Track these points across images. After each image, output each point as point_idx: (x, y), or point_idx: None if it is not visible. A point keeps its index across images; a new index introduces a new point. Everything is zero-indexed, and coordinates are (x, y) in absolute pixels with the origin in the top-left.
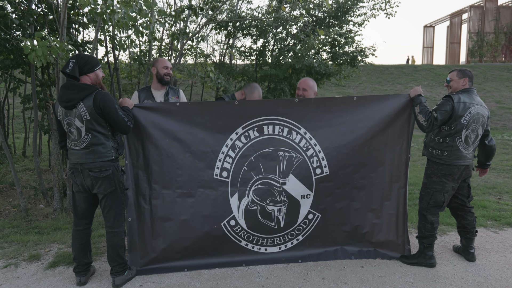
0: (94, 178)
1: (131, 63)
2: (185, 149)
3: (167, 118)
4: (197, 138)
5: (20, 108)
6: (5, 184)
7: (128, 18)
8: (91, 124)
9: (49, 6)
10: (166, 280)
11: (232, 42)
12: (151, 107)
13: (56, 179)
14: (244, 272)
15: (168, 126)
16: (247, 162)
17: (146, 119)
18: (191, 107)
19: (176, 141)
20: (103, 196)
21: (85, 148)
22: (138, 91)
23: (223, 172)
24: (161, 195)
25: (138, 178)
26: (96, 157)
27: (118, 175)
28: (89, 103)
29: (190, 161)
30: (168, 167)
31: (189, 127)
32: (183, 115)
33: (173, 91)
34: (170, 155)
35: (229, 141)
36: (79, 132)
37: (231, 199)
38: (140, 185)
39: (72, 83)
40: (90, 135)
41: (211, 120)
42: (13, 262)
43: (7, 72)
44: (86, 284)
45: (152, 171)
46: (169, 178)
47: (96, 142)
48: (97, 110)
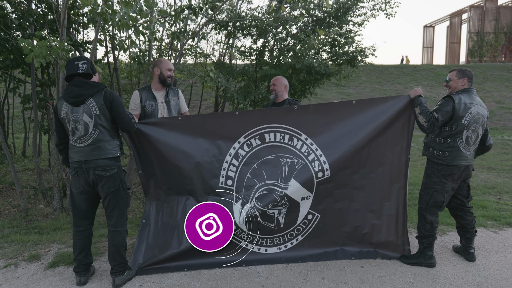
0: (99, 176)
1: (131, 63)
2: (190, 160)
3: (171, 131)
4: (201, 149)
5: (20, 108)
6: (5, 184)
7: (128, 18)
8: (99, 119)
9: (49, 6)
10: (166, 280)
11: (232, 42)
12: (155, 122)
13: (56, 179)
14: (244, 272)
15: (172, 140)
16: (251, 169)
17: (151, 134)
18: (193, 120)
19: (181, 154)
20: (106, 195)
21: (91, 144)
22: (138, 91)
23: (228, 181)
24: (172, 199)
25: (150, 184)
26: (102, 153)
27: (121, 174)
28: (99, 98)
29: (197, 172)
30: (176, 177)
31: (192, 139)
32: (186, 127)
33: (173, 92)
34: (177, 168)
35: (232, 150)
36: (86, 127)
37: (235, 205)
38: (154, 190)
39: (82, 80)
40: (97, 130)
41: (214, 131)
42: (13, 262)
43: (7, 72)
44: (86, 284)
45: (163, 178)
46: (177, 186)
47: (103, 138)
48: (107, 105)
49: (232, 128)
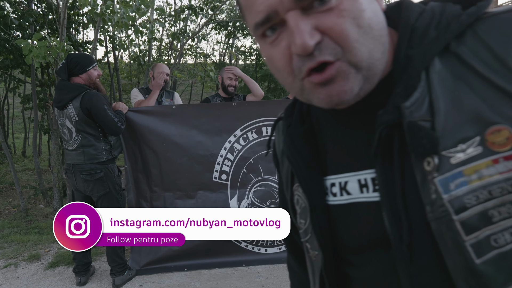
0: (86, 180)
1: (131, 63)
2: (182, 153)
3: (163, 121)
4: (194, 141)
5: (20, 108)
6: (5, 184)
7: (127, 18)
8: (80, 125)
9: (49, 6)
10: (166, 280)
11: (232, 42)
12: (147, 110)
13: (56, 179)
14: (244, 272)
15: (165, 130)
16: (247, 164)
17: (141, 123)
18: (187, 110)
19: (173, 145)
20: (98, 199)
21: (76, 149)
22: (138, 89)
23: (222, 175)
24: (162, 196)
25: (138, 180)
26: (87, 159)
27: (112, 176)
28: (77, 104)
29: (188, 165)
30: (167, 170)
31: (186, 131)
32: (180, 118)
33: (168, 93)
34: (168, 159)
35: (227, 144)
36: (70, 133)
37: (231, 201)
38: (141, 187)
39: (63, 83)
40: (80, 136)
41: (209, 122)
42: (13, 262)
43: (7, 72)
44: (86, 284)
45: (151, 174)
46: (168, 181)
47: (86, 143)
48: (85, 111)
49: (228, 120)
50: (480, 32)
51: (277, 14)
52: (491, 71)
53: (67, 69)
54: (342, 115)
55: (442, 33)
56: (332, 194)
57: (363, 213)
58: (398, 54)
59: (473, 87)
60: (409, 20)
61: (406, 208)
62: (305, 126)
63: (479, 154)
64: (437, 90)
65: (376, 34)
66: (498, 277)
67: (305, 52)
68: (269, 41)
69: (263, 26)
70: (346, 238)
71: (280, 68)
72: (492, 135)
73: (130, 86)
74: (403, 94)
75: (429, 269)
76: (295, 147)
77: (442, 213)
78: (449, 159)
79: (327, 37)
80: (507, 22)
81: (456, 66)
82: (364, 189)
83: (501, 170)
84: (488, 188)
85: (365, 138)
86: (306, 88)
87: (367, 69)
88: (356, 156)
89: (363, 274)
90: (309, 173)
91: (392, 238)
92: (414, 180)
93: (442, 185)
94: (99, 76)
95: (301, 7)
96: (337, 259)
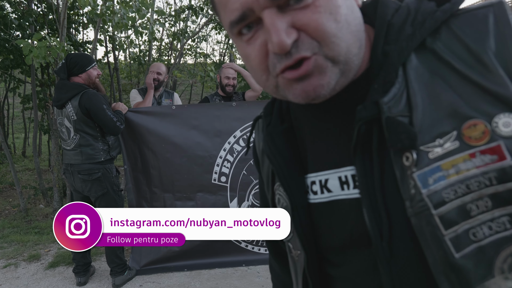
0: (84, 181)
1: (130, 63)
2: (181, 154)
3: (163, 122)
4: (193, 142)
5: (20, 108)
6: (5, 184)
7: (127, 19)
8: (78, 125)
9: (49, 6)
10: (166, 280)
11: (232, 42)
12: (146, 111)
13: (56, 179)
14: (244, 272)
15: (164, 131)
16: (247, 166)
17: (141, 123)
18: (187, 110)
19: (172, 146)
20: (95, 199)
21: (74, 148)
22: (137, 90)
23: (221, 177)
24: (162, 197)
25: (138, 181)
26: (84, 159)
27: (110, 177)
28: (76, 103)
29: (188, 166)
30: (166, 172)
31: (185, 131)
32: (179, 118)
33: (167, 94)
34: (167, 160)
35: (227, 145)
36: (68, 132)
37: (231, 203)
38: (141, 188)
39: (63, 82)
40: (78, 135)
41: (208, 123)
42: (13, 262)
43: (7, 72)
44: (86, 284)
45: (151, 175)
46: (167, 182)
47: (84, 143)
48: (83, 110)
49: (228, 121)
50: (455, 29)
51: (253, 12)
52: (467, 67)
53: (67, 68)
54: (321, 112)
55: (418, 29)
56: (313, 192)
57: (345, 210)
58: (375, 50)
59: (449, 83)
60: (385, 16)
61: (386, 204)
62: (284, 125)
63: (456, 148)
64: (414, 86)
65: (353, 30)
66: (477, 270)
67: (282, 50)
68: (245, 39)
69: (238, 25)
70: (328, 236)
71: (255, 66)
72: (468, 130)
73: (130, 86)
74: (381, 90)
75: (410, 265)
76: (275, 145)
77: (421, 208)
78: (427, 154)
79: (304, 33)
80: (481, 18)
81: (432, 62)
82: (345, 186)
83: (478, 164)
84: (466, 182)
85: (344, 134)
86: (281, 84)
87: (344, 63)
88: (336, 153)
89: (345, 272)
90: (290, 172)
91: (372, 234)
92: (394, 176)
93: (420, 180)
94: (99, 75)
95: (277, 5)
96: (319, 259)
